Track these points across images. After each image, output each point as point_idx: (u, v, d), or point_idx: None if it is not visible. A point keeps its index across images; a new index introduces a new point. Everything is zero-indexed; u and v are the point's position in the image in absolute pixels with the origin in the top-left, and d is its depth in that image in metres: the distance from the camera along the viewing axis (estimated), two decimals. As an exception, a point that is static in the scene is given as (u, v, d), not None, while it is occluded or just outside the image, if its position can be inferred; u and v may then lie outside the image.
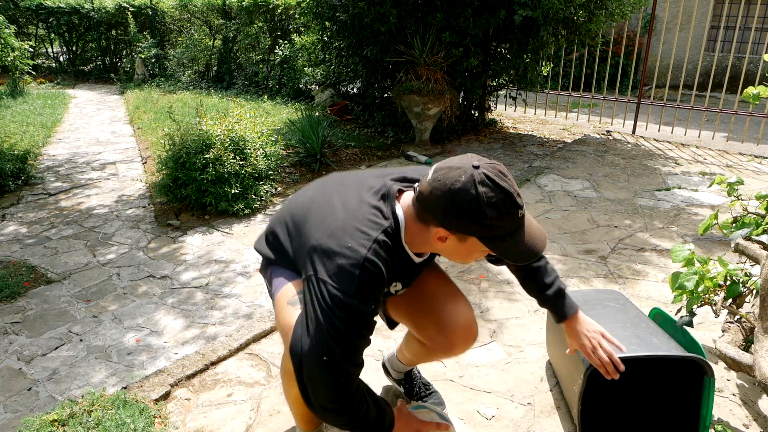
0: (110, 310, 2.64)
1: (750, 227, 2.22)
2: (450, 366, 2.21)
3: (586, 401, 1.77)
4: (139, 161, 5.31)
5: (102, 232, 3.58)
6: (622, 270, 3.03)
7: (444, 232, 1.21)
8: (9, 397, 2.04)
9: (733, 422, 1.90)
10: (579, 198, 4.22)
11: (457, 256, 1.29)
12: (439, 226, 1.21)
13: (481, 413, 1.95)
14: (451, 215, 1.17)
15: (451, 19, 5.16)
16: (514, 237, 1.19)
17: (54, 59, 12.92)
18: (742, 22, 9.61)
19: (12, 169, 4.41)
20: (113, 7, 11.11)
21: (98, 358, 2.28)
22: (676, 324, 1.86)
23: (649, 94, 9.41)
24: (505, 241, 1.19)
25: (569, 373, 1.87)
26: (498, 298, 2.74)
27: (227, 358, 2.25)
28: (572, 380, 1.80)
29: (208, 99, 8.14)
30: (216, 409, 1.97)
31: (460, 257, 1.29)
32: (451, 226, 1.19)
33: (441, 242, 1.24)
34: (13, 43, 8.47)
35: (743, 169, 5.14)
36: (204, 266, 3.10)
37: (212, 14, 9.97)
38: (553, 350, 2.11)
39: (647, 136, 6.44)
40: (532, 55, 5.99)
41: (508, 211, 1.15)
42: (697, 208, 4.04)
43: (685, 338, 1.78)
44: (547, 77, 7.58)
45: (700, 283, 1.89)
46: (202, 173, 3.68)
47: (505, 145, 6.01)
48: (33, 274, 2.98)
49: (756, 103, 2.38)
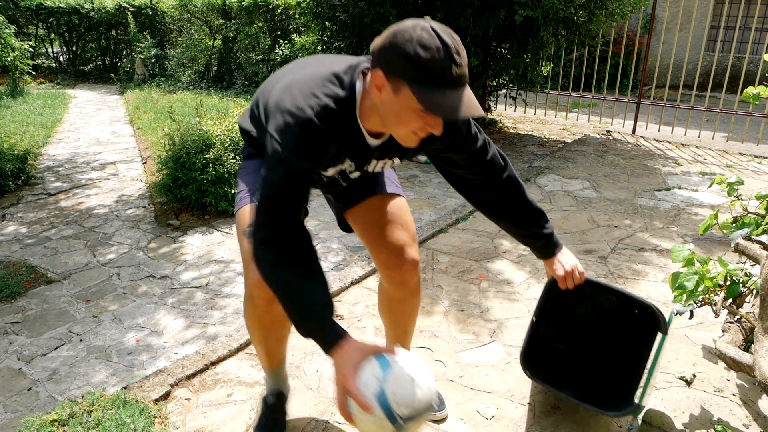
0: (110, 310, 2.65)
1: (750, 227, 2.22)
2: (450, 366, 2.21)
3: (537, 340, 1.92)
4: (139, 161, 5.31)
5: (102, 232, 3.58)
6: (622, 270, 3.03)
7: (380, 76, 1.23)
8: (9, 397, 2.04)
9: (733, 422, 1.90)
10: (579, 198, 4.22)
11: (391, 116, 1.28)
12: (377, 67, 1.24)
13: (481, 413, 1.95)
14: (387, 51, 1.21)
15: (451, 19, 5.16)
16: (444, 91, 1.18)
17: (54, 59, 12.92)
18: (742, 22, 9.61)
19: (12, 169, 4.42)
20: (113, 7, 11.12)
21: (98, 358, 2.28)
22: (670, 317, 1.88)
23: (649, 94, 9.41)
24: (434, 92, 1.17)
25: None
26: (498, 298, 2.74)
27: (227, 358, 2.25)
28: None
29: (208, 99, 8.14)
30: (216, 409, 1.97)
31: (393, 118, 1.28)
32: (386, 66, 1.21)
33: (378, 92, 1.26)
34: (13, 43, 8.47)
35: (743, 169, 5.14)
36: (204, 266, 3.10)
37: (212, 14, 9.97)
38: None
39: (647, 136, 6.44)
40: (532, 55, 5.99)
41: (440, 58, 1.15)
42: (697, 208, 4.04)
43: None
44: (547, 77, 7.58)
45: (700, 283, 1.89)
46: (202, 173, 3.68)
47: (505, 145, 6.01)
48: (33, 274, 2.98)
49: (756, 103, 2.38)
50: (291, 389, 1.92)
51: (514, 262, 3.13)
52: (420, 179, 4.68)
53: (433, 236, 3.45)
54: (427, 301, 2.71)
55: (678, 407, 1.97)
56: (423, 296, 2.75)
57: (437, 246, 3.32)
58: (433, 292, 2.79)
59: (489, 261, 3.13)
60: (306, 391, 2.06)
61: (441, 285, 2.86)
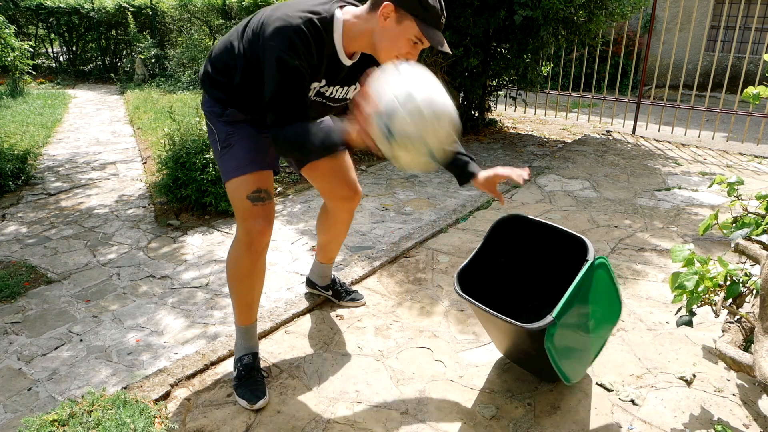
0: (110, 310, 2.65)
1: (750, 227, 2.22)
2: (450, 366, 2.21)
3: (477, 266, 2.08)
4: (139, 161, 5.31)
5: (102, 232, 3.58)
6: (622, 270, 3.03)
7: (390, 8, 1.64)
8: (9, 397, 2.04)
9: (733, 422, 1.90)
10: (579, 198, 4.22)
11: (387, 40, 1.68)
12: (388, 0, 1.64)
13: (481, 413, 1.95)
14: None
15: (451, 19, 5.16)
16: (435, 30, 1.68)
17: (54, 59, 12.92)
18: (742, 22, 9.61)
19: (12, 169, 4.42)
20: (113, 7, 11.11)
21: (98, 358, 2.28)
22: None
23: (649, 94, 9.41)
24: (430, 29, 1.66)
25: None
26: (498, 298, 2.74)
27: (227, 358, 2.25)
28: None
29: (208, 99, 8.13)
30: (216, 409, 1.97)
31: (388, 41, 1.69)
32: (399, 2, 1.64)
33: (382, 20, 1.66)
34: (13, 43, 8.46)
35: (743, 169, 5.14)
36: (204, 266, 3.10)
37: (212, 14, 9.97)
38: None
39: (647, 136, 6.44)
40: (532, 55, 5.99)
41: (438, 8, 1.67)
42: (697, 208, 4.04)
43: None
44: (547, 77, 7.58)
45: (700, 283, 1.89)
46: (202, 173, 3.68)
47: (505, 145, 6.01)
48: (33, 274, 2.98)
49: (756, 103, 2.38)
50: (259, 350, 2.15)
51: (514, 262, 3.13)
52: (420, 179, 4.68)
53: (433, 236, 3.45)
54: (427, 301, 2.71)
55: (678, 407, 1.98)
56: (423, 296, 2.75)
57: (437, 246, 3.32)
58: (433, 292, 2.79)
59: (489, 261, 3.13)
60: (306, 391, 2.06)
61: (441, 285, 2.86)
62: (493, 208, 3.98)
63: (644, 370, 2.18)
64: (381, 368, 2.19)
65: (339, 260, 3.16)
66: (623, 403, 2.00)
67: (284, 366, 2.21)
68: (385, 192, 4.35)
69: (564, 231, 1.99)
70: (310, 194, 4.24)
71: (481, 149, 5.78)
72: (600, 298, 1.91)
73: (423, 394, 2.05)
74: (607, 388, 2.08)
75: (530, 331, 1.71)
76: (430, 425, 1.89)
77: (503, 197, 2.11)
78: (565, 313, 1.74)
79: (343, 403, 2.00)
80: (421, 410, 1.96)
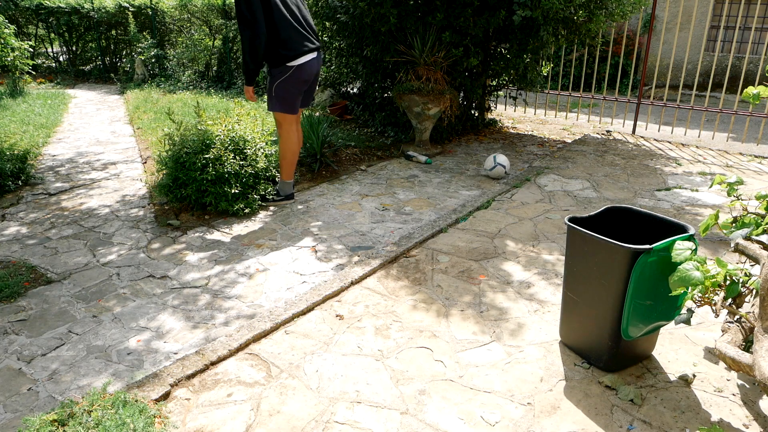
0: (110, 310, 2.64)
1: (750, 227, 2.22)
2: (450, 366, 2.21)
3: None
4: (139, 161, 5.31)
5: (102, 232, 3.58)
6: (622, 270, 3.03)
7: None
8: (9, 397, 2.04)
9: (733, 422, 1.90)
10: (579, 198, 4.22)
11: None
12: None
13: (480, 414, 1.95)
14: None
15: (451, 19, 5.16)
16: None
17: (54, 59, 12.92)
18: (742, 22, 9.60)
19: (12, 169, 4.41)
20: (113, 7, 11.11)
21: (98, 358, 2.28)
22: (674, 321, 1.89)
23: (649, 94, 9.41)
24: None
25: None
26: (498, 298, 2.74)
27: (227, 358, 2.25)
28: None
29: (208, 99, 8.13)
30: (216, 409, 1.97)
31: None
32: None
33: None
34: (13, 43, 8.46)
35: (743, 169, 5.14)
36: (204, 266, 3.10)
37: (212, 14, 9.97)
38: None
39: (647, 136, 6.44)
40: (532, 55, 5.99)
41: None
42: (697, 208, 4.04)
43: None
44: (547, 77, 7.58)
45: (703, 274, 1.89)
46: (202, 173, 3.68)
47: (505, 145, 6.01)
48: (33, 274, 2.98)
49: (756, 103, 2.38)
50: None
51: (514, 262, 3.13)
52: (420, 179, 4.68)
53: (433, 236, 3.45)
54: (427, 301, 2.71)
55: (678, 407, 1.98)
56: (423, 296, 2.75)
57: (437, 246, 3.32)
58: (433, 292, 2.79)
59: (489, 261, 3.13)
60: (306, 391, 2.06)
61: (441, 285, 2.86)
62: (493, 208, 3.98)
63: (644, 370, 2.19)
64: (381, 368, 2.19)
65: (339, 260, 3.16)
66: (623, 403, 2.00)
67: (284, 366, 2.21)
68: (385, 192, 4.35)
69: (667, 220, 2.15)
70: (309, 194, 4.25)
71: (481, 149, 5.78)
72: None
73: (423, 394, 2.05)
74: (607, 388, 2.08)
75: (630, 250, 1.90)
76: (430, 425, 1.89)
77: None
78: (662, 249, 1.89)
79: (343, 403, 2.00)
80: (421, 410, 1.97)
